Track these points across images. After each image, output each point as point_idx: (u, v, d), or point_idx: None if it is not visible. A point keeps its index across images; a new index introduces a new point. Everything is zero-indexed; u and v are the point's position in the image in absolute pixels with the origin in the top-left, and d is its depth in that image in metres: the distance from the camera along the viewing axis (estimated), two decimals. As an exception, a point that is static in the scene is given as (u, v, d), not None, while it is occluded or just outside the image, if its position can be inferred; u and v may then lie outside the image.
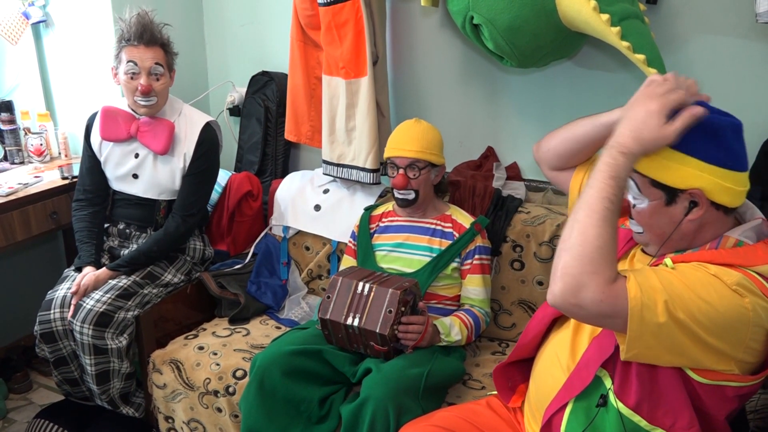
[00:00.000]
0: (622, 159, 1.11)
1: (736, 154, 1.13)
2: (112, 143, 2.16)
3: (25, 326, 2.71)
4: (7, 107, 2.55)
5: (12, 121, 2.55)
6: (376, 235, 2.05)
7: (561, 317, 1.38)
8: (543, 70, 2.14)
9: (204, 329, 2.17)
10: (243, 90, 2.66)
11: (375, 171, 2.24)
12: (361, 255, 2.04)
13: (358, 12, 2.10)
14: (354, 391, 1.77)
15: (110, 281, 2.07)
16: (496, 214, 2.10)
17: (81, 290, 2.01)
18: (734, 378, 1.10)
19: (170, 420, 2.08)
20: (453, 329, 1.84)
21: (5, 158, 2.58)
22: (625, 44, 1.58)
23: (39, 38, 2.63)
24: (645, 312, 1.04)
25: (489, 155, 2.30)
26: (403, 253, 1.98)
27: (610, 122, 1.26)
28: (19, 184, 2.28)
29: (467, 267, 1.94)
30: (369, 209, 2.13)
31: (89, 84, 2.57)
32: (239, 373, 1.91)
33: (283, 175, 2.58)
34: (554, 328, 1.40)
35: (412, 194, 1.94)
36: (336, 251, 2.33)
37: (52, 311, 2.03)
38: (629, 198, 1.25)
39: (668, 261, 1.14)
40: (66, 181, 2.36)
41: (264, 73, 2.58)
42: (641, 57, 1.59)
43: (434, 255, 1.94)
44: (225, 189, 2.46)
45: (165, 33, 2.09)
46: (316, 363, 1.77)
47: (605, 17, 1.57)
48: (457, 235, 1.95)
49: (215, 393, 1.91)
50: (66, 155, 2.64)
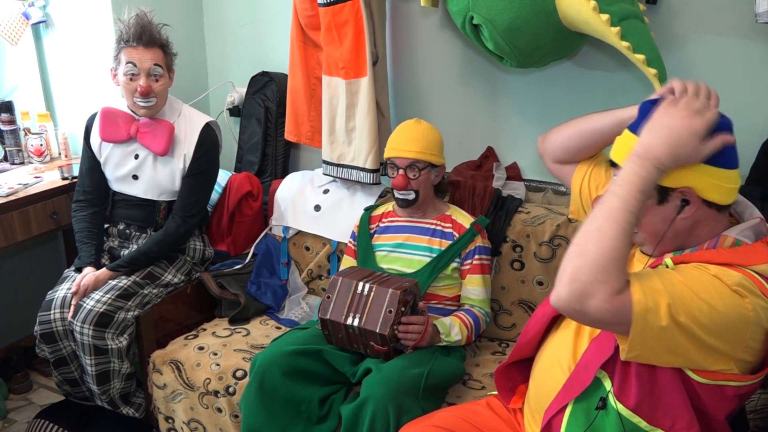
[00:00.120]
0: (656, 174, 1.09)
1: (726, 152, 1.13)
2: (112, 144, 2.16)
3: (25, 326, 2.71)
4: (7, 108, 2.55)
5: (12, 122, 2.55)
6: (376, 236, 2.05)
7: (561, 316, 1.38)
8: (543, 70, 2.14)
9: (204, 329, 2.17)
10: (243, 90, 2.66)
11: (375, 171, 2.24)
12: (361, 255, 2.04)
13: (358, 12, 2.10)
14: (354, 391, 1.78)
15: (110, 281, 2.07)
16: (496, 214, 2.10)
17: (81, 290, 2.01)
18: (734, 377, 1.10)
19: (170, 420, 2.08)
20: (453, 329, 1.84)
21: (5, 159, 2.58)
22: (625, 44, 1.58)
23: (39, 39, 2.63)
24: (648, 315, 1.04)
25: (489, 155, 2.30)
26: (403, 254, 1.98)
27: (626, 119, 1.26)
28: (19, 185, 2.28)
29: (467, 267, 1.94)
30: (369, 209, 2.13)
31: (89, 84, 2.57)
32: (239, 374, 1.91)
33: (283, 176, 2.58)
34: (554, 327, 1.40)
35: (412, 194, 1.94)
36: (336, 251, 2.33)
37: (52, 311, 2.03)
38: None
39: (668, 261, 1.14)
40: (66, 182, 2.36)
41: (264, 74, 2.58)
42: (641, 57, 1.59)
43: (434, 255, 1.94)
44: (225, 189, 2.46)
45: (164, 34, 2.08)
46: (316, 363, 1.77)
47: (605, 17, 1.57)
48: (457, 236, 1.95)
49: (215, 393, 1.92)
50: (66, 156, 2.64)
